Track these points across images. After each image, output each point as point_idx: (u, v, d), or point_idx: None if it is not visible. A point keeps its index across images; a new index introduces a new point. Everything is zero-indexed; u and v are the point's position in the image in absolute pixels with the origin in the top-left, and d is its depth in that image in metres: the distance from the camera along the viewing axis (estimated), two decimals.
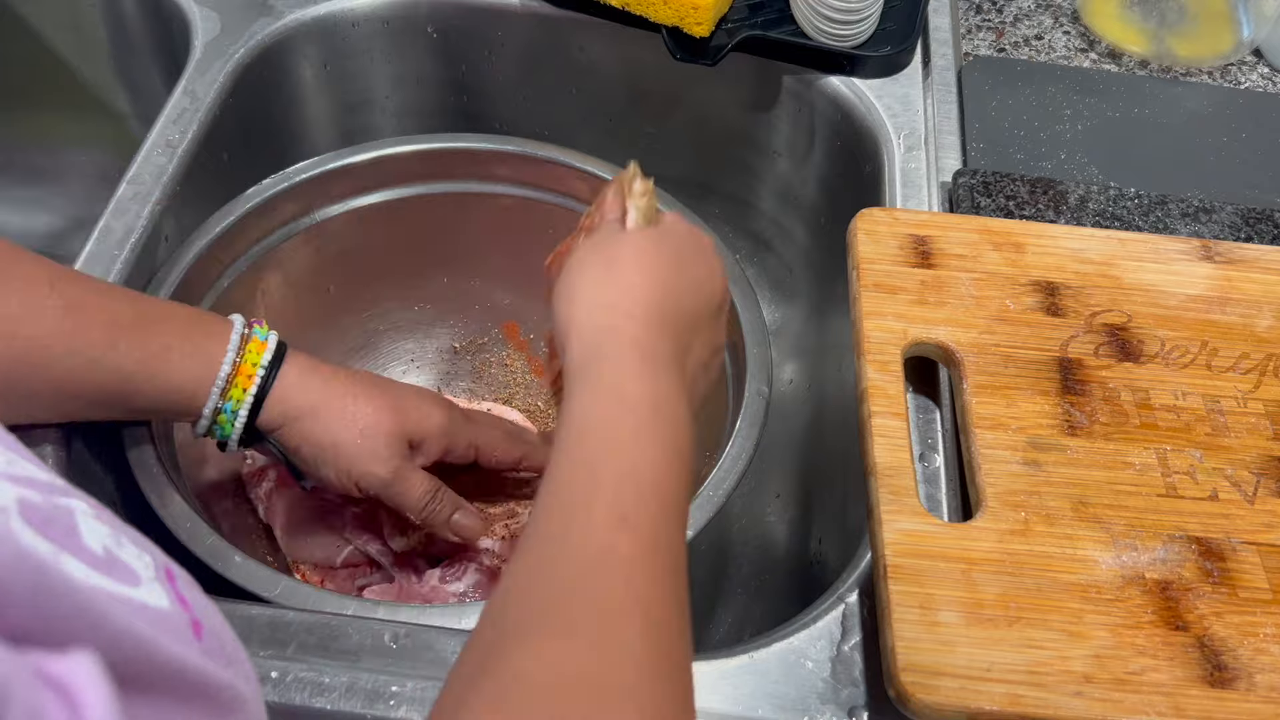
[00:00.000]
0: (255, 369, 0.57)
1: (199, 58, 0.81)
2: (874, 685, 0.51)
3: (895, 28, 0.82)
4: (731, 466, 0.62)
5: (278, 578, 0.56)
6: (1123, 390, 0.59)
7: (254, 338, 0.58)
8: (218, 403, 0.57)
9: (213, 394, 0.56)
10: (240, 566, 0.56)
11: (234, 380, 0.57)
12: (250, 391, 0.57)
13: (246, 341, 0.57)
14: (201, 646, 0.30)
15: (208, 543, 0.57)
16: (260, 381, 0.57)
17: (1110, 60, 0.87)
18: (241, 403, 0.57)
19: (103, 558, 0.28)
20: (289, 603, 0.54)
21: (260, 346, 0.58)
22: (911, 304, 0.61)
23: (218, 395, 0.56)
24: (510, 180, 0.80)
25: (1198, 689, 0.48)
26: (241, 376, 0.57)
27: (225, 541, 0.57)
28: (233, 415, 0.57)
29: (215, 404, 0.57)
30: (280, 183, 0.74)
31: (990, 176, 0.73)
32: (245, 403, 0.57)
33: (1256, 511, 0.54)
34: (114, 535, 0.30)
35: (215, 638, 0.32)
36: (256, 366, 0.57)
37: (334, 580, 0.71)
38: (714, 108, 0.89)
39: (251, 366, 0.57)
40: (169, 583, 0.31)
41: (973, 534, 0.52)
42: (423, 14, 0.88)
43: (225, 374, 0.56)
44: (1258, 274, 0.65)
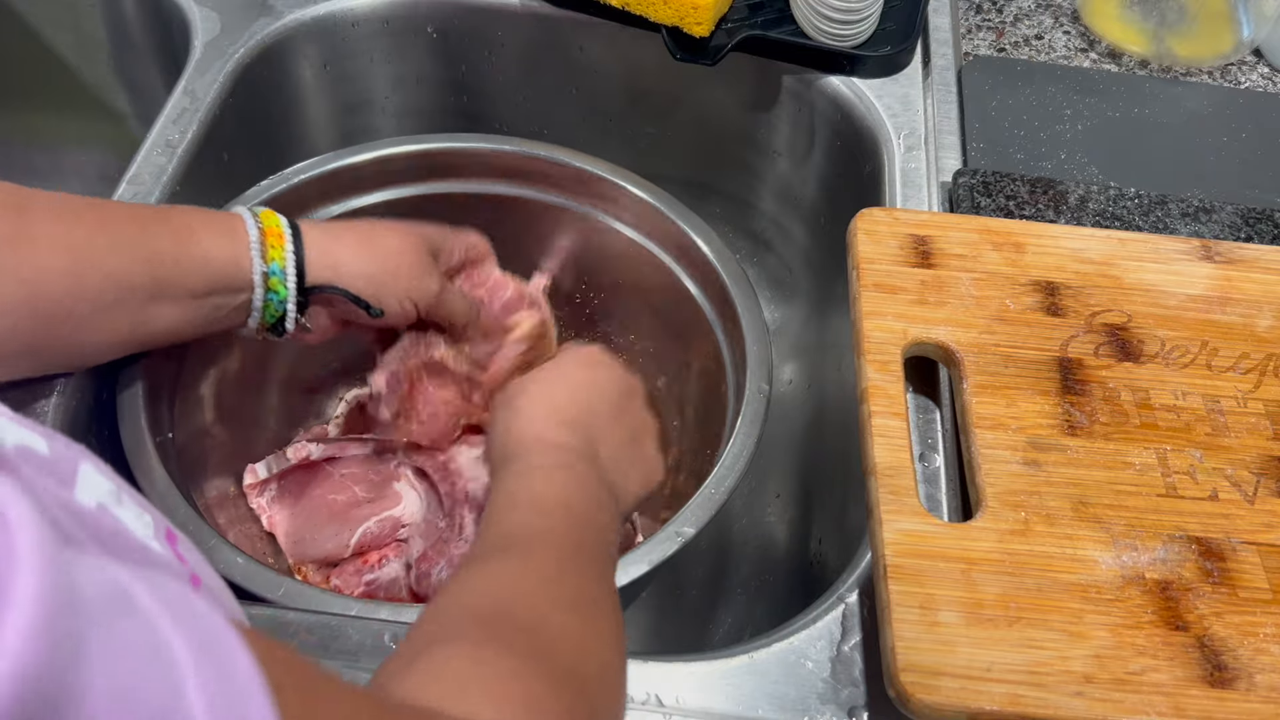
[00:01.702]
0: (281, 228, 0.60)
1: (199, 58, 0.81)
2: (874, 685, 0.51)
3: (895, 28, 0.82)
4: (733, 464, 0.62)
5: (280, 579, 0.56)
6: (1123, 390, 0.59)
7: (263, 210, 0.60)
8: (263, 266, 0.58)
9: (254, 257, 0.58)
10: (243, 568, 0.56)
11: (266, 241, 0.59)
12: (287, 249, 0.59)
13: (260, 214, 0.60)
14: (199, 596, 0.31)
15: (210, 544, 0.57)
16: (291, 238, 0.59)
17: (1110, 60, 0.87)
18: (284, 260, 0.59)
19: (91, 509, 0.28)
20: (292, 604, 0.54)
21: (271, 214, 0.60)
22: (911, 304, 0.61)
23: (259, 258, 0.58)
24: (510, 180, 0.80)
25: (1198, 689, 0.48)
26: (271, 236, 0.59)
27: (228, 544, 0.57)
28: (283, 274, 0.59)
29: (261, 268, 0.58)
30: (279, 183, 0.74)
31: (990, 176, 0.73)
32: (288, 260, 0.59)
33: (1256, 511, 0.54)
34: (115, 492, 0.30)
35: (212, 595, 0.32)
36: (280, 227, 0.60)
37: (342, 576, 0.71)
38: (714, 108, 0.89)
39: (276, 228, 0.59)
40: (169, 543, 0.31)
41: (973, 534, 0.52)
42: (423, 14, 0.88)
43: (255, 236, 0.58)
44: (1258, 274, 0.65)
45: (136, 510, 0.31)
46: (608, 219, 0.80)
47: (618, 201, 0.79)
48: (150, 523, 0.31)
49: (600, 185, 0.79)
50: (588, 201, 0.80)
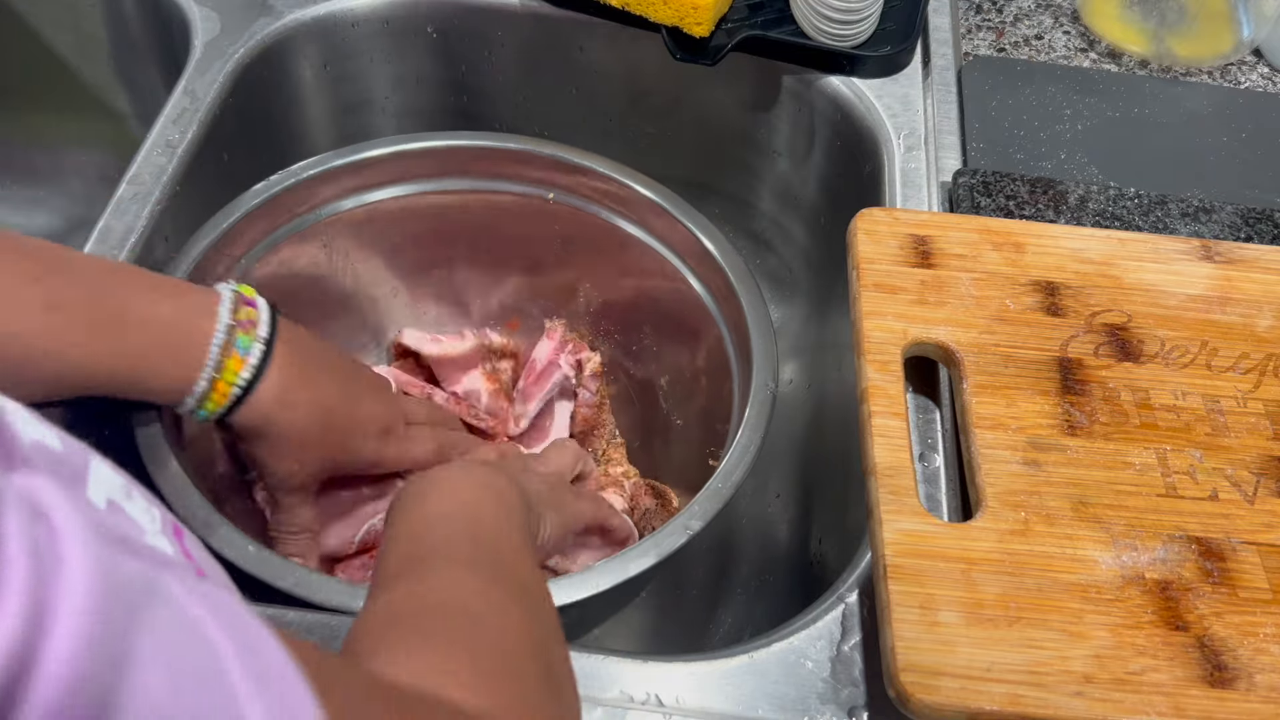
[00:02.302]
0: (230, 388, 0.57)
1: (199, 58, 0.81)
2: (874, 685, 0.51)
3: (895, 28, 0.82)
4: (740, 458, 0.62)
5: (290, 567, 0.56)
6: (1123, 390, 0.59)
7: (234, 353, 0.57)
8: (194, 408, 0.57)
9: (187, 403, 0.57)
10: (254, 556, 0.56)
11: (208, 397, 0.57)
12: (224, 406, 0.58)
13: (227, 355, 0.57)
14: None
15: (220, 532, 0.57)
16: (233, 399, 0.58)
17: (1110, 60, 0.87)
18: (214, 413, 0.58)
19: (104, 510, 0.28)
20: (303, 593, 0.54)
21: (239, 365, 0.57)
22: (911, 304, 0.61)
23: (194, 404, 0.57)
24: (515, 178, 0.81)
25: (1198, 689, 0.48)
26: (216, 394, 0.57)
27: (239, 533, 0.57)
28: (206, 418, 0.58)
29: (190, 408, 0.57)
30: (286, 179, 0.74)
31: (990, 176, 0.73)
32: (217, 413, 0.58)
33: (1256, 511, 0.54)
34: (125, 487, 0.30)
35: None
36: (232, 386, 0.57)
37: (348, 571, 0.71)
38: (714, 108, 0.89)
39: (227, 385, 0.57)
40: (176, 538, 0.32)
41: (973, 534, 0.52)
42: (423, 14, 0.88)
43: (201, 390, 0.57)
44: (1258, 274, 0.65)
45: (144, 504, 0.31)
46: (613, 217, 0.80)
47: (623, 199, 0.79)
48: (158, 517, 0.31)
49: (605, 183, 0.79)
50: (593, 199, 0.80)
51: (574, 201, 0.80)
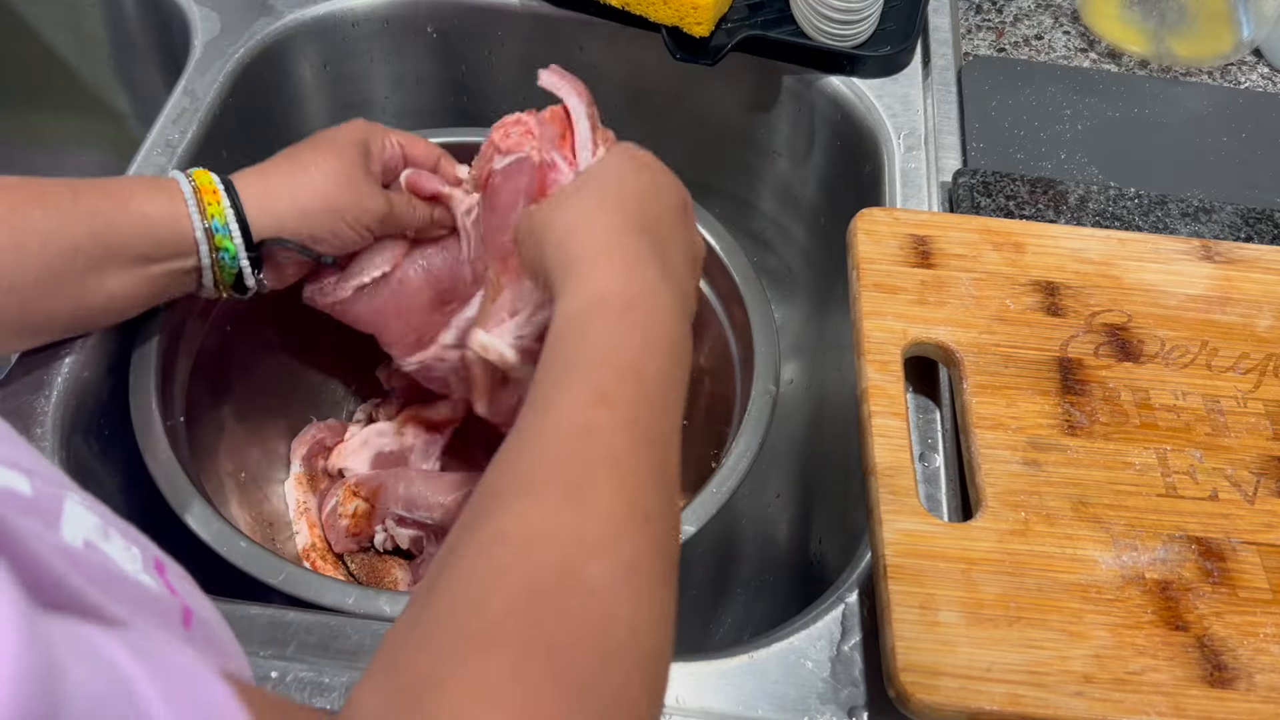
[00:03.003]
0: (214, 184, 0.59)
1: (199, 58, 0.81)
2: (874, 685, 0.51)
3: (895, 28, 0.82)
4: (736, 464, 0.62)
5: (281, 564, 0.56)
6: (1123, 390, 0.59)
7: (196, 170, 0.59)
8: (204, 223, 0.58)
9: (192, 214, 0.58)
10: (245, 552, 0.56)
11: (202, 198, 0.58)
12: (224, 203, 0.58)
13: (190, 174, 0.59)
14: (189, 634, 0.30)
15: (214, 528, 0.57)
16: (225, 192, 0.59)
17: (1110, 60, 0.87)
18: (224, 215, 0.58)
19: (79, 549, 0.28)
20: (292, 589, 0.54)
21: (204, 172, 0.59)
22: (911, 304, 0.61)
23: (198, 215, 0.58)
24: None
25: (1198, 689, 0.48)
26: (206, 193, 0.58)
27: (232, 528, 0.57)
28: (227, 230, 0.58)
29: (202, 224, 0.58)
30: None
31: (990, 176, 0.73)
32: (228, 215, 0.58)
33: (1256, 511, 0.54)
34: (101, 527, 0.30)
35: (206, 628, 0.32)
36: (213, 183, 0.59)
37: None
38: (714, 108, 0.89)
39: (209, 184, 0.58)
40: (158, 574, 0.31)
41: (973, 534, 0.52)
42: (423, 14, 0.88)
43: (189, 193, 0.58)
44: (1258, 274, 0.65)
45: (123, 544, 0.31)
46: None
47: None
48: (138, 556, 0.31)
49: None
50: None
51: None
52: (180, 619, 0.30)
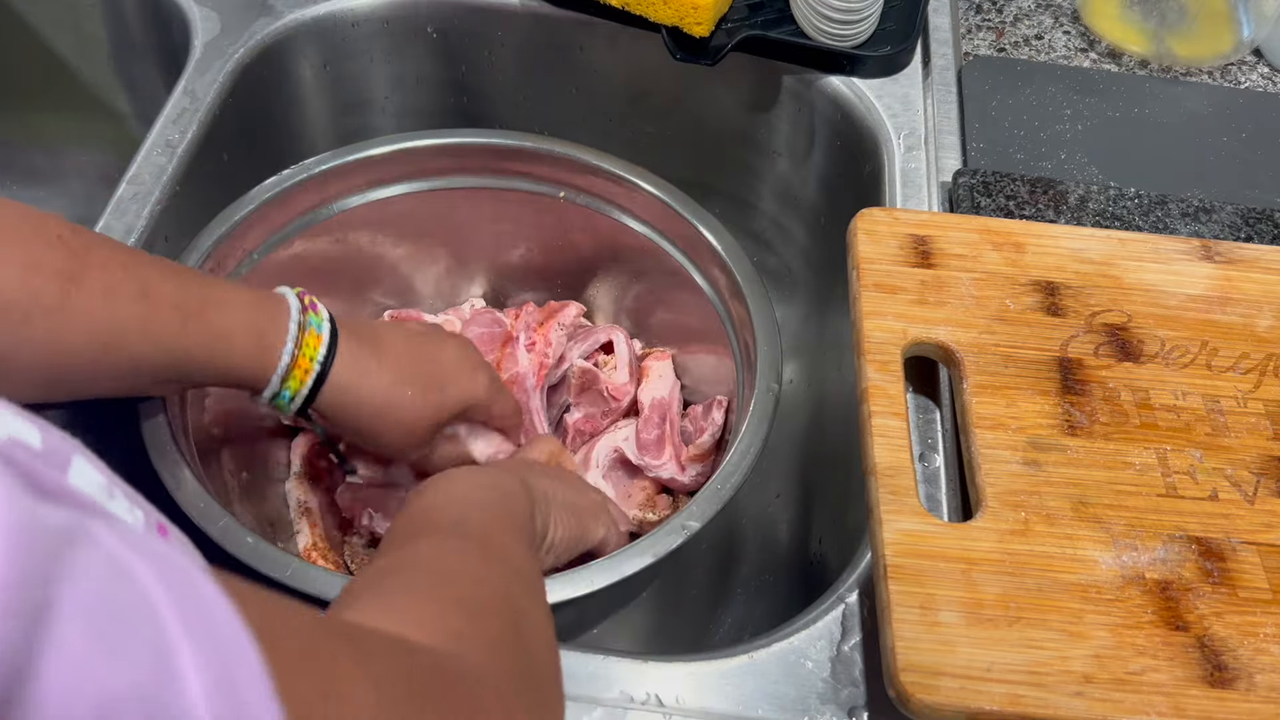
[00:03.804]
0: (312, 363, 0.59)
1: (199, 58, 0.81)
2: (874, 685, 0.51)
3: (895, 28, 0.82)
4: (739, 461, 0.62)
5: (288, 559, 0.56)
6: (1123, 390, 0.59)
7: (310, 329, 0.59)
8: (277, 389, 0.59)
9: (273, 382, 0.58)
10: (251, 548, 0.56)
11: (292, 372, 0.58)
12: (307, 384, 0.59)
13: (304, 331, 0.59)
14: None
15: (220, 524, 0.57)
16: (317, 374, 0.59)
17: (1110, 60, 0.87)
18: (299, 393, 0.59)
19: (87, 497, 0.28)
20: (299, 584, 0.55)
21: (316, 341, 0.59)
22: (911, 304, 0.61)
23: (278, 383, 0.58)
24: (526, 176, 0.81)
25: (1198, 689, 0.48)
26: (299, 370, 0.59)
27: (238, 524, 0.58)
28: (289, 402, 0.59)
29: (274, 390, 0.59)
30: (299, 174, 0.74)
31: (990, 176, 0.73)
32: (302, 393, 0.59)
33: (1256, 511, 0.54)
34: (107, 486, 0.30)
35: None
36: (313, 361, 0.59)
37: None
38: (714, 108, 0.89)
39: (309, 361, 0.59)
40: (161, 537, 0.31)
41: (973, 534, 0.52)
42: (423, 14, 0.88)
43: (284, 365, 0.58)
44: (1258, 274, 0.65)
45: (128, 505, 0.31)
46: (622, 216, 0.80)
47: (629, 197, 0.79)
48: (141, 518, 0.31)
49: (611, 180, 0.79)
50: (603, 198, 0.80)
51: (583, 200, 0.80)
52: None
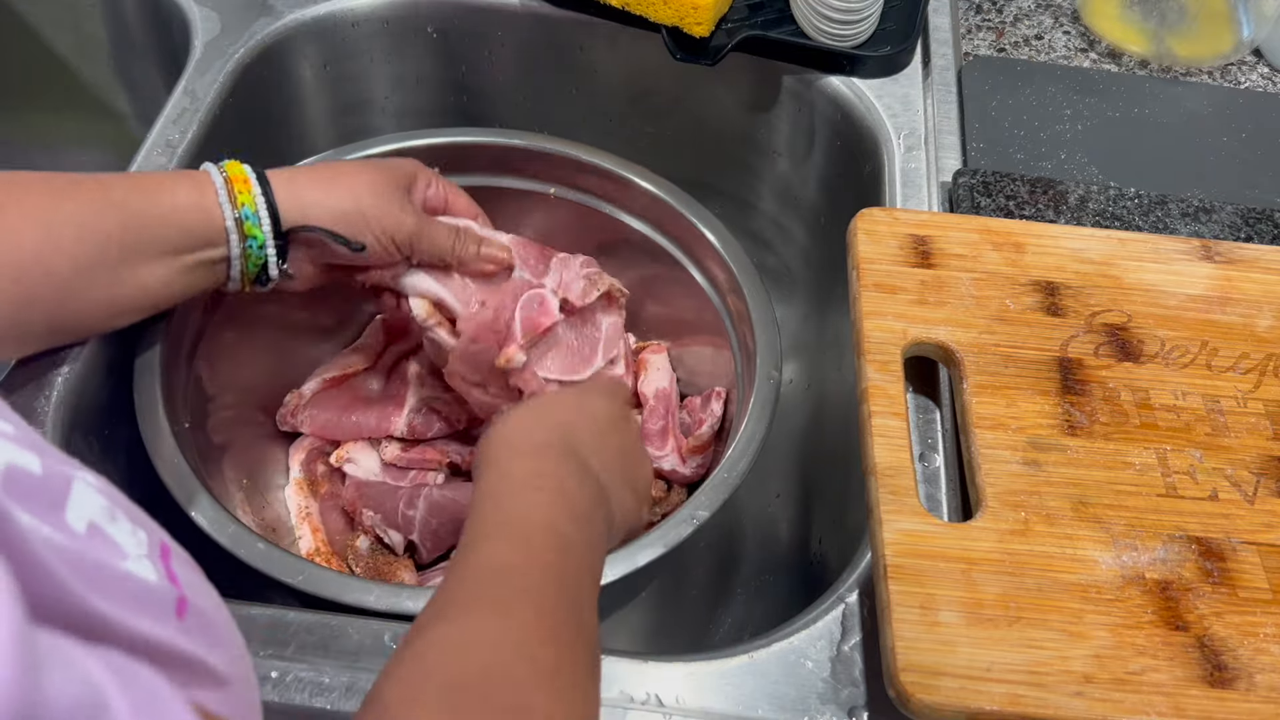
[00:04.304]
0: (245, 174, 0.59)
1: (199, 58, 0.81)
2: (874, 685, 0.51)
3: (895, 28, 0.82)
4: (746, 448, 0.62)
5: (301, 564, 0.56)
6: (1123, 390, 0.59)
7: (227, 161, 0.60)
8: (234, 212, 0.58)
9: (223, 203, 0.58)
10: (264, 554, 0.56)
11: (233, 187, 0.59)
12: (255, 191, 0.59)
13: (224, 165, 0.60)
14: (183, 624, 0.31)
15: (230, 531, 0.57)
16: (258, 182, 0.59)
17: (1110, 60, 0.87)
18: (255, 203, 0.59)
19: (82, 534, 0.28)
20: (312, 589, 0.55)
21: (235, 164, 0.60)
22: (911, 304, 0.61)
23: (228, 204, 0.58)
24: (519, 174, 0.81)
25: (1198, 689, 0.48)
26: (238, 183, 0.59)
27: (249, 531, 0.58)
28: (256, 218, 0.59)
29: (232, 214, 0.58)
30: None
31: (990, 176, 0.73)
32: (258, 202, 0.59)
33: (1256, 511, 0.54)
34: (109, 509, 0.30)
35: (201, 617, 0.32)
36: (245, 173, 0.59)
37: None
38: (714, 108, 0.89)
39: (241, 174, 0.59)
40: (162, 560, 0.31)
41: (973, 534, 0.52)
42: (423, 14, 0.88)
43: (221, 183, 0.59)
44: (1258, 274, 0.65)
45: (130, 527, 0.31)
46: (616, 211, 0.80)
47: (626, 194, 0.79)
48: (144, 540, 0.31)
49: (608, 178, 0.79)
50: (596, 194, 0.80)
51: (577, 196, 0.80)
52: (174, 609, 0.31)
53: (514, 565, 0.43)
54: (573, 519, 0.47)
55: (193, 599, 0.32)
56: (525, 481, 0.48)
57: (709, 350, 0.79)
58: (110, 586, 0.28)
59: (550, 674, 0.39)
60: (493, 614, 0.40)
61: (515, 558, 0.43)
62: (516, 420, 0.52)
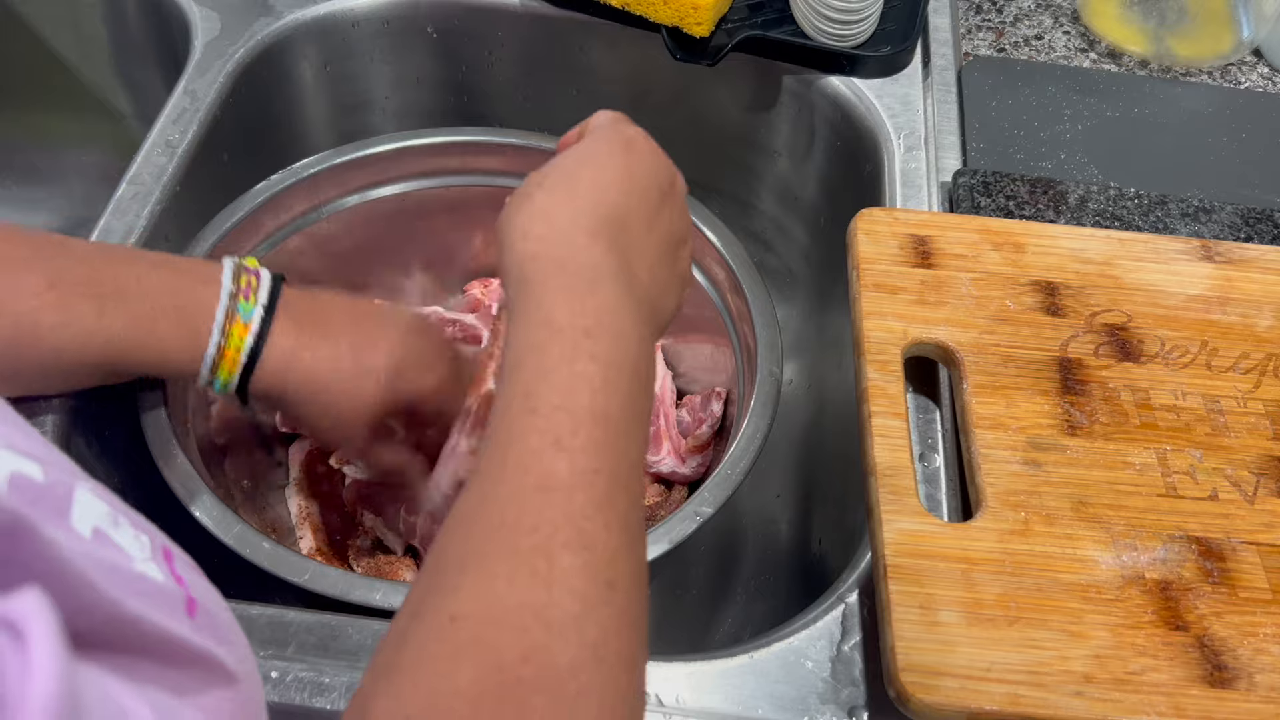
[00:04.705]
0: (239, 353, 0.56)
1: (199, 58, 0.81)
2: (874, 685, 0.51)
3: (895, 28, 0.82)
4: (748, 446, 0.62)
5: (306, 563, 0.56)
6: (1123, 390, 0.59)
7: (237, 319, 0.57)
8: (209, 379, 0.57)
9: (203, 373, 0.57)
10: (269, 553, 0.56)
11: (219, 363, 0.56)
12: (235, 374, 0.57)
13: (230, 321, 0.56)
14: (194, 623, 0.31)
15: (235, 530, 0.57)
16: (245, 363, 0.57)
17: (1110, 60, 0.87)
18: (230, 382, 0.57)
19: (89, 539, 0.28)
20: (317, 588, 0.54)
21: (243, 331, 0.57)
22: (911, 304, 0.61)
23: (208, 373, 0.57)
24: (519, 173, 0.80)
25: (1198, 689, 0.48)
26: (227, 360, 0.56)
27: (254, 530, 0.57)
28: (224, 389, 0.57)
29: (206, 380, 0.57)
30: (288, 178, 0.74)
31: (990, 176, 0.73)
32: (232, 383, 0.57)
33: (1256, 511, 0.54)
34: (111, 515, 0.30)
35: (209, 616, 0.32)
36: (240, 352, 0.56)
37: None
38: (714, 108, 0.89)
39: (235, 350, 0.56)
40: (165, 562, 0.32)
41: (973, 534, 0.52)
42: (423, 14, 0.88)
43: (212, 357, 0.56)
44: (1258, 274, 0.65)
45: (133, 532, 0.31)
46: None
47: None
48: (147, 543, 0.31)
49: None
50: None
51: None
52: (184, 609, 0.31)
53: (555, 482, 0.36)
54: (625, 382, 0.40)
55: (200, 599, 0.32)
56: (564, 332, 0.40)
57: (709, 349, 0.79)
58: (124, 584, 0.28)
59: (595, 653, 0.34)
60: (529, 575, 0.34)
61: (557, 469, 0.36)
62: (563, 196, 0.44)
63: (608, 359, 0.40)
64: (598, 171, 0.45)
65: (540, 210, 0.44)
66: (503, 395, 0.40)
